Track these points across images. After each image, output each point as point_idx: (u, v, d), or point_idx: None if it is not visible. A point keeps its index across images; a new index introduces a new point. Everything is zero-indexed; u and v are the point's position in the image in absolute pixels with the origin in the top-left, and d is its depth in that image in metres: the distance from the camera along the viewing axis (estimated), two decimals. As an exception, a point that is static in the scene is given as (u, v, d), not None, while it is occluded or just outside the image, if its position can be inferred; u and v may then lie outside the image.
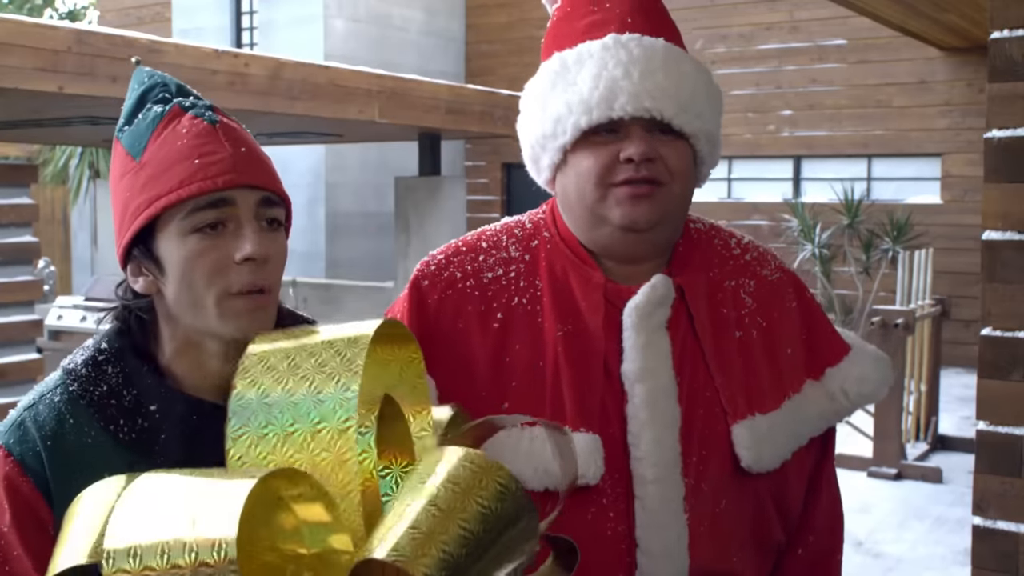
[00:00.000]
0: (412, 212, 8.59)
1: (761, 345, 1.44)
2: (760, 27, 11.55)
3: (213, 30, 13.70)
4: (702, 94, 1.39)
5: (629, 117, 1.34)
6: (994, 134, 2.45)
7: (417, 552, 0.91)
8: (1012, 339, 2.42)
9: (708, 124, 1.40)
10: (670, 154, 1.36)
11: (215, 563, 0.88)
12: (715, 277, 1.47)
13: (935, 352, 7.27)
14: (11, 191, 6.75)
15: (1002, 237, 2.44)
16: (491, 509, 0.97)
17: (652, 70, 1.35)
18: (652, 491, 1.33)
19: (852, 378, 1.47)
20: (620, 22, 1.41)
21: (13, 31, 4.86)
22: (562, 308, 1.41)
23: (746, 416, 1.38)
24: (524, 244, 1.48)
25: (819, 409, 1.46)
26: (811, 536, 1.49)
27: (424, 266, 1.50)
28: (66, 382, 1.25)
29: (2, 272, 6.66)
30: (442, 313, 1.44)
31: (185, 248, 1.20)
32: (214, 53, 6.00)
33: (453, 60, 14.11)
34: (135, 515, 0.94)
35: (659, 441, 1.34)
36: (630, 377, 1.36)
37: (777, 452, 1.40)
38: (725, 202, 11.72)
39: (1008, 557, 2.44)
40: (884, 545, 5.25)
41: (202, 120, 1.24)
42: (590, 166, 1.37)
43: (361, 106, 6.93)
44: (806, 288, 1.54)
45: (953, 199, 10.46)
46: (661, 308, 1.39)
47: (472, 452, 1.01)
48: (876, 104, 10.90)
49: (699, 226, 1.52)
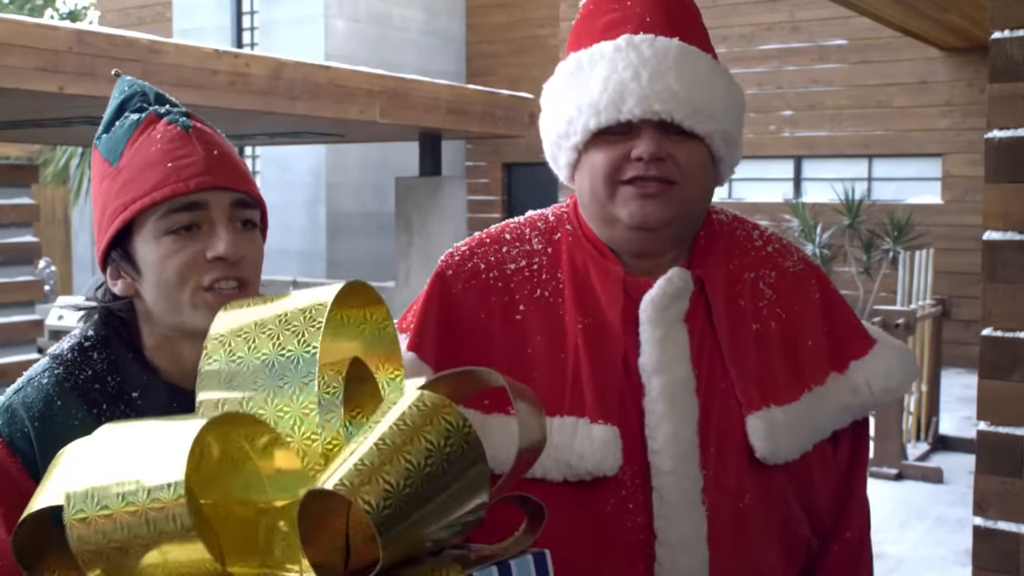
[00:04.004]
0: (413, 212, 8.59)
1: (780, 337, 1.44)
2: (761, 27, 11.55)
3: (214, 30, 13.70)
4: (718, 94, 1.39)
5: (638, 119, 1.35)
6: (995, 134, 2.45)
7: (361, 482, 0.93)
8: (1013, 339, 2.42)
9: (724, 124, 1.39)
10: (681, 154, 1.36)
11: (166, 501, 0.90)
12: (735, 268, 1.47)
13: (936, 352, 7.27)
14: (12, 191, 6.75)
15: (1003, 237, 2.44)
16: (435, 444, 0.98)
17: (663, 72, 1.35)
18: (670, 482, 1.34)
19: (878, 372, 1.47)
20: (639, 20, 1.41)
21: (14, 31, 4.86)
22: (583, 301, 1.42)
23: (760, 408, 1.38)
24: (547, 237, 1.50)
25: (842, 402, 1.45)
26: (848, 532, 1.49)
27: (448, 257, 1.52)
28: (52, 366, 1.29)
29: (3, 272, 6.67)
30: (465, 303, 1.45)
31: (160, 249, 1.24)
32: (215, 53, 6.01)
33: (454, 60, 14.11)
34: (94, 461, 0.97)
35: (676, 434, 1.35)
36: (647, 370, 1.37)
37: (795, 444, 1.39)
38: (726, 202, 11.70)
39: (1009, 557, 2.44)
40: (885, 545, 5.24)
41: (175, 126, 1.28)
42: (601, 164, 1.38)
43: (362, 106, 6.93)
44: (829, 280, 1.54)
45: (954, 199, 10.46)
46: (679, 301, 1.40)
47: (426, 393, 1.03)
48: (877, 104, 10.90)
49: (722, 217, 1.53)
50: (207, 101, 5.85)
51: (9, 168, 7.08)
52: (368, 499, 0.92)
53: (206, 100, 5.84)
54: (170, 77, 5.58)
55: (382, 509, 0.92)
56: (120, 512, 0.92)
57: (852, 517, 1.50)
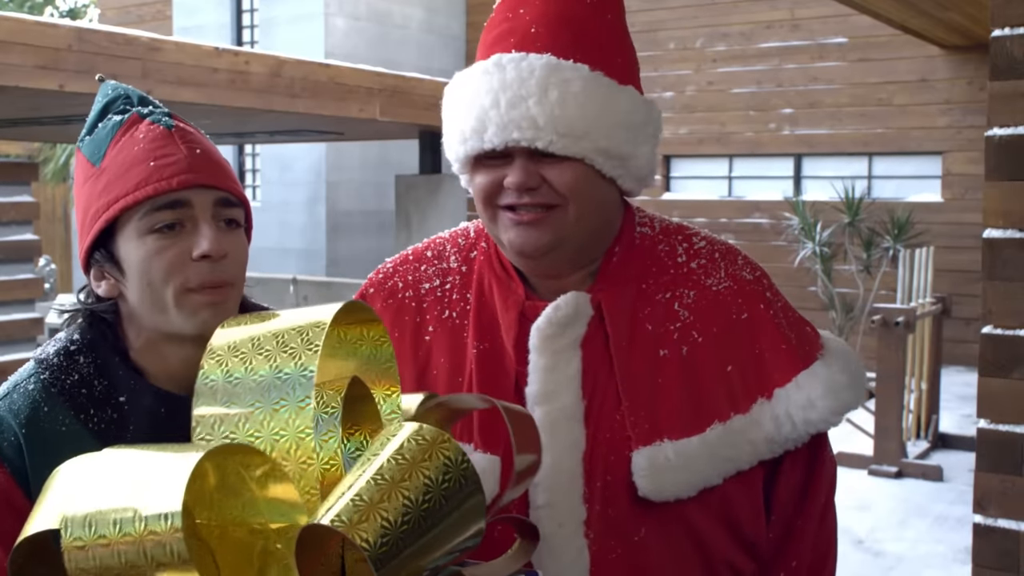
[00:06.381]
0: (413, 210, 8.59)
1: (690, 364, 1.34)
2: (761, 25, 11.54)
3: (214, 28, 13.69)
4: (591, 112, 1.29)
5: (501, 148, 1.30)
6: (995, 132, 2.44)
7: (358, 519, 0.93)
8: (1013, 337, 2.42)
9: (601, 141, 1.30)
10: (557, 176, 1.30)
11: (162, 532, 0.90)
12: (647, 289, 1.39)
13: (936, 350, 7.27)
14: (12, 189, 6.75)
15: (1003, 235, 2.44)
16: (433, 480, 0.98)
17: (523, 96, 1.27)
18: (544, 515, 1.29)
19: (797, 403, 1.34)
20: (522, 33, 1.33)
21: (14, 29, 4.86)
22: (483, 324, 1.38)
23: (652, 442, 1.30)
24: (464, 255, 1.46)
25: (765, 433, 1.33)
26: (794, 561, 1.40)
27: (374, 274, 1.51)
28: (38, 371, 1.27)
29: (3, 270, 6.66)
30: (382, 322, 1.43)
31: (144, 248, 1.23)
32: (215, 51, 6.00)
33: (454, 58, 14.10)
34: (93, 486, 0.97)
35: (556, 465, 1.29)
36: (531, 400, 1.33)
37: (689, 480, 1.29)
38: (726, 200, 11.71)
39: (1009, 555, 2.44)
40: (885, 543, 5.25)
41: (158, 125, 1.28)
42: (479, 189, 1.35)
43: (362, 104, 6.93)
44: (763, 299, 1.41)
45: (954, 197, 10.45)
46: (571, 328, 1.34)
47: (424, 427, 1.02)
48: (877, 102, 10.89)
49: (647, 231, 1.44)
50: (207, 99, 5.85)
51: (9, 166, 7.08)
52: (366, 536, 0.92)
53: (206, 98, 5.84)
54: (170, 75, 5.58)
55: (379, 547, 0.92)
56: (117, 540, 0.92)
57: (802, 544, 1.40)
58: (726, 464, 1.32)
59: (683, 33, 11.58)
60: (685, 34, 11.64)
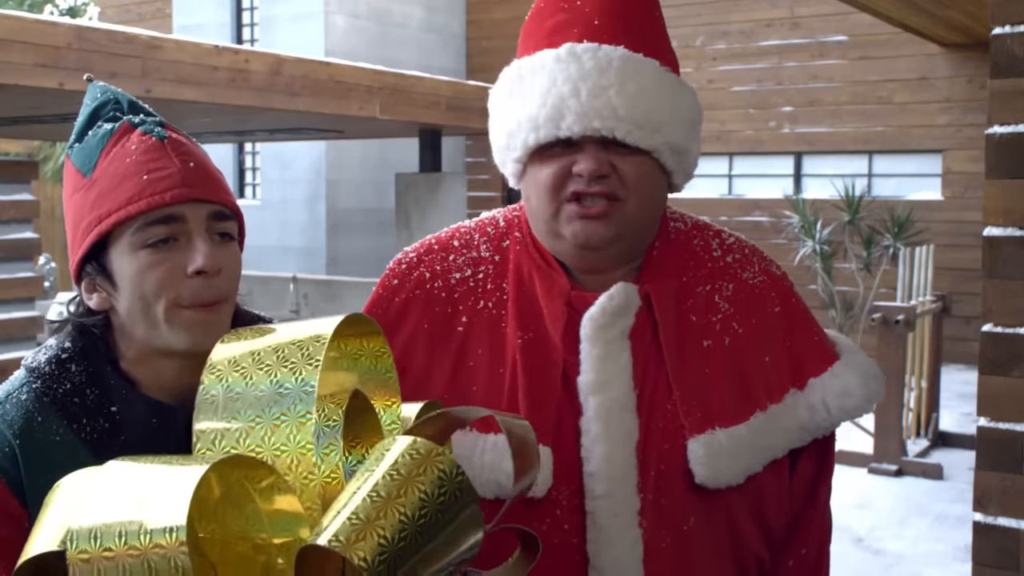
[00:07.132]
0: (413, 208, 8.60)
1: (733, 353, 1.39)
2: (761, 23, 11.53)
3: (214, 26, 13.69)
4: (663, 105, 1.32)
5: (578, 136, 1.30)
6: (995, 130, 2.44)
7: (355, 538, 0.92)
8: (1013, 335, 2.42)
9: (670, 136, 1.33)
10: (626, 168, 1.32)
11: (167, 545, 0.90)
12: (688, 282, 1.42)
13: (936, 348, 7.27)
14: (12, 187, 6.75)
15: (1003, 233, 2.44)
16: (429, 495, 0.98)
17: (604, 86, 1.29)
18: (601, 506, 1.30)
19: (834, 391, 1.40)
20: (585, 24, 1.34)
21: (14, 27, 4.86)
22: (525, 314, 1.38)
23: (704, 430, 1.33)
24: (495, 244, 1.46)
25: (799, 421, 1.39)
26: (804, 549, 1.45)
27: (396, 264, 1.48)
28: (30, 380, 1.25)
29: (3, 268, 6.67)
30: (407, 315, 1.42)
31: (136, 262, 1.21)
32: (215, 49, 6.00)
33: (454, 56, 14.10)
34: (98, 499, 0.96)
35: (610, 456, 1.31)
36: (584, 389, 1.33)
37: (739, 466, 1.34)
38: (726, 198, 11.72)
39: (1009, 553, 2.44)
40: (885, 542, 5.25)
41: (151, 136, 1.25)
42: (543, 180, 1.34)
43: (362, 102, 6.93)
44: (793, 293, 1.48)
45: (954, 195, 10.45)
46: (621, 318, 1.35)
47: (419, 440, 1.02)
48: (877, 100, 10.89)
49: (680, 226, 1.47)
50: (207, 97, 5.85)
51: (9, 164, 7.08)
52: (363, 555, 0.92)
53: (206, 96, 5.84)
54: (170, 73, 5.58)
55: (377, 564, 0.92)
56: (121, 553, 0.92)
57: (810, 533, 1.45)
58: (765, 452, 1.37)
59: (683, 31, 11.58)
60: (685, 32, 11.63)
